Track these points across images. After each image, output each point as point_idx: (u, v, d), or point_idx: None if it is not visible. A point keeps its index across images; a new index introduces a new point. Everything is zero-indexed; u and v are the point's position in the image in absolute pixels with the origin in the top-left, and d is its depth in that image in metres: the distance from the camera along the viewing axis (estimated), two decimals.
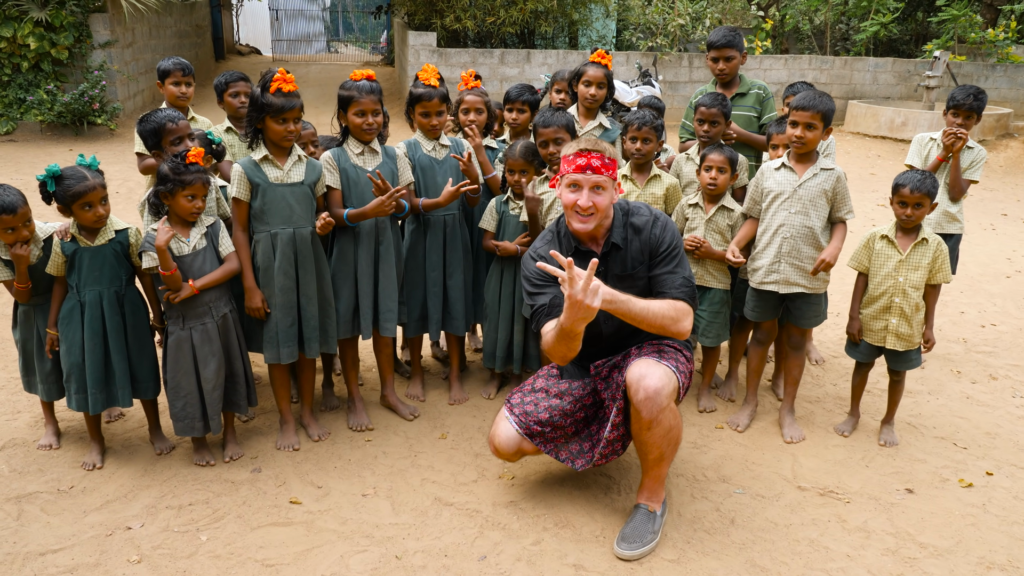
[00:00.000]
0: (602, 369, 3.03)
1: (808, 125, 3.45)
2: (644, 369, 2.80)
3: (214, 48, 17.38)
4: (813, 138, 3.47)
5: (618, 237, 2.96)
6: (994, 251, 7.21)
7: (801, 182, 3.55)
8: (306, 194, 3.35)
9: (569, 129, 3.69)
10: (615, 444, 3.02)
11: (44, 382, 3.38)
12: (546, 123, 3.70)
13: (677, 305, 2.87)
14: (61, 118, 10.17)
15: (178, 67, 4.02)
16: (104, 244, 3.19)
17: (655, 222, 2.98)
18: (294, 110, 3.21)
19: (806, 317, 3.73)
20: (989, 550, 2.96)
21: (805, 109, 3.43)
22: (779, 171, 3.63)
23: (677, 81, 13.31)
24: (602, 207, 2.88)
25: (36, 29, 9.75)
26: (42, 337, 3.29)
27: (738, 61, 4.24)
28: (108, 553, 2.82)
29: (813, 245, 3.58)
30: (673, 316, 2.83)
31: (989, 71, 14.04)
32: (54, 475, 3.28)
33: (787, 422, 3.81)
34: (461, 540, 2.95)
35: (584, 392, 3.10)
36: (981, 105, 4.20)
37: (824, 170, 3.56)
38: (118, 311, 3.25)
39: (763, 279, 3.68)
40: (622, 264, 2.99)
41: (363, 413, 3.78)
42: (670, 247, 2.95)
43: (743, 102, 4.30)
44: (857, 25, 15.46)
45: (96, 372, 3.23)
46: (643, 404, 2.77)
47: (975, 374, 4.57)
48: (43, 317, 3.28)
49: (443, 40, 12.72)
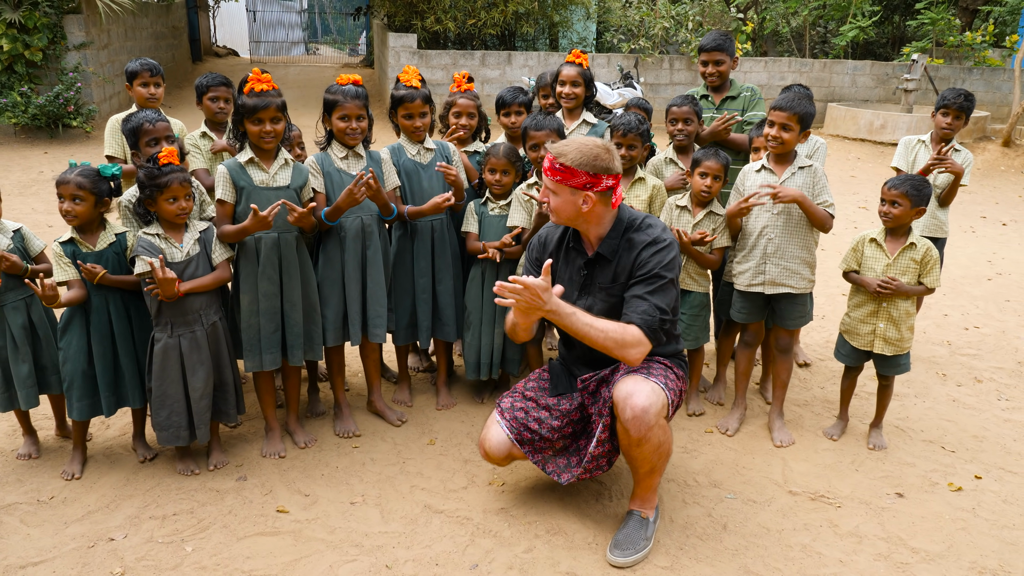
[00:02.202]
0: (590, 384, 2.97)
1: (784, 126, 3.47)
2: (631, 387, 2.77)
3: (191, 50, 17.18)
4: (790, 139, 3.49)
5: (606, 248, 2.91)
6: (975, 253, 7.28)
7: (780, 182, 3.57)
8: (292, 198, 3.29)
9: (560, 133, 3.67)
10: (600, 460, 2.98)
11: (23, 387, 3.23)
12: (538, 127, 3.68)
13: (629, 330, 2.71)
14: (35, 120, 9.98)
15: (145, 68, 3.90)
16: (105, 248, 3.12)
17: (653, 244, 2.84)
18: (268, 109, 3.14)
19: (792, 317, 3.73)
20: (980, 555, 2.97)
21: (782, 110, 3.46)
22: (759, 173, 3.65)
23: (658, 83, 13.35)
24: (554, 207, 2.86)
25: (9, 31, 9.56)
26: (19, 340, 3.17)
27: (728, 66, 4.24)
28: (90, 565, 2.75)
29: (799, 244, 3.59)
30: (618, 340, 2.69)
31: (966, 74, 14.21)
32: (33, 485, 3.20)
33: (776, 426, 3.81)
34: (452, 548, 2.91)
35: (571, 407, 3.07)
36: (970, 107, 4.22)
37: (802, 168, 3.58)
38: (124, 315, 3.19)
39: (750, 281, 3.68)
40: (611, 275, 2.92)
41: (350, 419, 3.73)
42: (651, 272, 2.80)
43: (733, 106, 4.29)
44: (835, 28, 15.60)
45: (107, 375, 3.18)
46: (631, 423, 2.74)
47: (960, 377, 4.60)
48: (15, 316, 3.16)
49: (424, 42, 12.67)
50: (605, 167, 2.78)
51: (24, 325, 3.19)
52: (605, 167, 2.78)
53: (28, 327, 3.21)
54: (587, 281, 2.97)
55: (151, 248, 3.05)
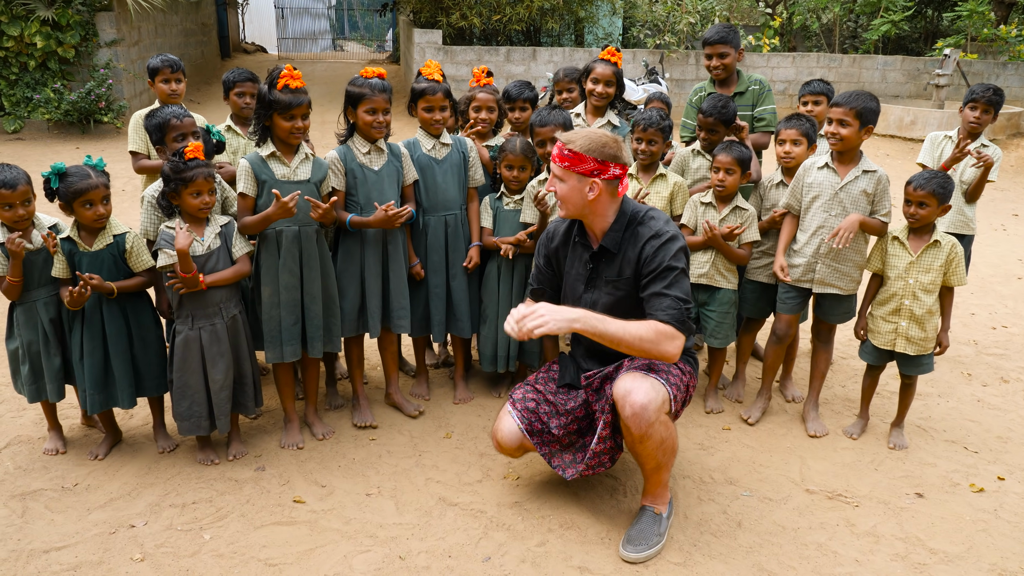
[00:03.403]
0: (594, 380, 2.98)
1: (841, 122, 3.41)
2: (630, 384, 2.76)
3: (220, 46, 17.40)
4: (849, 135, 3.41)
5: (610, 241, 2.89)
6: (1005, 252, 7.14)
7: (843, 184, 3.51)
8: (312, 192, 3.32)
9: (566, 127, 3.65)
10: (602, 456, 2.98)
11: (53, 380, 3.28)
12: (543, 122, 3.68)
13: (660, 328, 2.68)
14: (68, 116, 10.18)
15: (167, 64, 3.95)
16: (102, 249, 3.16)
17: (656, 237, 2.81)
18: (302, 107, 3.19)
19: (836, 313, 3.72)
20: (1001, 556, 2.92)
21: (837, 105, 3.42)
22: (821, 170, 3.58)
23: (684, 79, 13.25)
24: (560, 195, 2.85)
25: (43, 28, 9.75)
26: (49, 333, 3.23)
27: (733, 58, 4.19)
28: (111, 551, 2.80)
29: (852, 247, 3.56)
30: (653, 339, 2.66)
31: (1000, 69, 13.93)
32: (58, 472, 3.27)
33: (811, 416, 3.81)
34: (465, 541, 2.92)
35: (576, 404, 3.07)
36: (998, 101, 4.15)
37: (867, 172, 3.51)
38: (119, 315, 3.23)
39: (800, 277, 3.66)
40: (616, 268, 2.91)
41: (367, 411, 3.76)
42: (662, 266, 2.77)
43: (741, 101, 4.25)
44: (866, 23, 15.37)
45: (94, 374, 3.22)
46: (631, 420, 2.74)
47: (986, 376, 4.52)
48: (46, 311, 3.21)
49: (449, 38, 12.69)
50: (613, 155, 2.78)
51: (54, 319, 3.24)
52: (613, 155, 2.78)
53: (58, 321, 3.27)
54: (593, 275, 2.97)
55: (173, 241, 3.09)
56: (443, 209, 3.72)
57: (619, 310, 2.82)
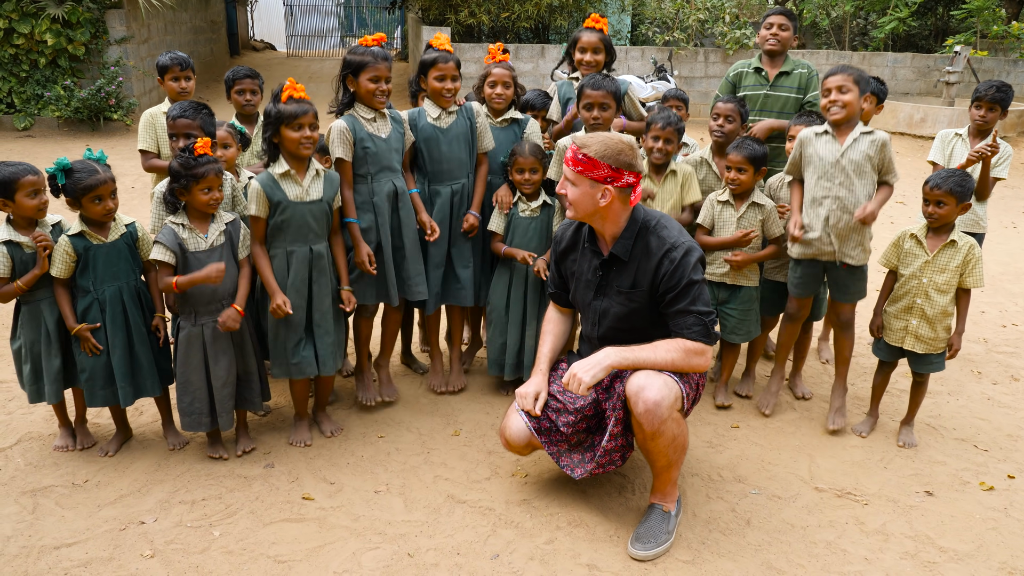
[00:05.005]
0: (603, 379, 2.98)
1: (840, 88, 3.42)
2: (643, 380, 2.76)
3: (229, 44, 17.40)
4: (850, 100, 3.41)
5: (620, 249, 2.89)
6: (1015, 249, 7.10)
7: (843, 150, 3.47)
8: (324, 211, 3.31)
9: (616, 96, 3.55)
10: (613, 455, 2.97)
11: (53, 382, 3.27)
12: (596, 86, 3.51)
13: (688, 347, 2.79)
14: (78, 114, 10.23)
15: (176, 62, 3.93)
16: (117, 239, 3.18)
17: (669, 253, 2.80)
18: (308, 115, 3.15)
19: (850, 290, 3.68)
20: (1011, 555, 2.91)
21: (833, 74, 3.45)
22: (820, 137, 3.55)
23: (693, 76, 13.21)
24: (571, 199, 2.84)
25: (53, 25, 9.80)
26: (52, 335, 3.22)
27: (791, 36, 4.22)
28: (121, 547, 2.82)
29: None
30: (684, 359, 2.79)
31: (1011, 66, 13.84)
32: (69, 469, 3.29)
33: (835, 406, 3.81)
34: (474, 538, 2.93)
35: (586, 403, 3.06)
36: (1005, 98, 4.11)
37: (865, 134, 3.47)
38: (138, 304, 3.26)
39: (810, 251, 3.62)
40: (630, 279, 2.90)
41: (372, 388, 3.80)
42: (682, 283, 2.78)
43: (786, 82, 4.26)
44: (875, 20, 15.29)
45: (123, 366, 3.23)
46: (643, 416, 2.74)
47: (996, 375, 4.50)
48: (51, 311, 3.20)
49: (457, 35, 12.68)
50: (628, 163, 2.76)
51: (58, 320, 3.22)
52: (628, 163, 2.76)
53: (62, 322, 3.26)
54: (603, 282, 2.97)
55: (171, 239, 3.11)
56: (449, 179, 3.70)
57: (633, 320, 2.84)
